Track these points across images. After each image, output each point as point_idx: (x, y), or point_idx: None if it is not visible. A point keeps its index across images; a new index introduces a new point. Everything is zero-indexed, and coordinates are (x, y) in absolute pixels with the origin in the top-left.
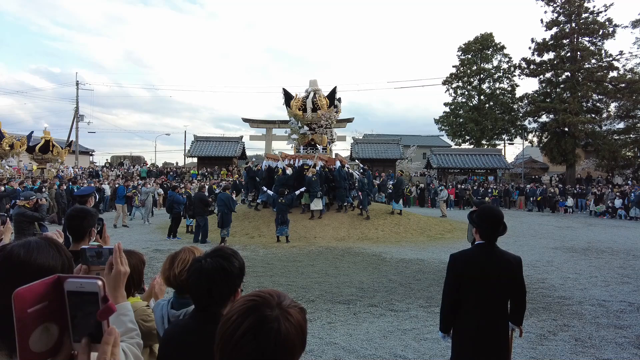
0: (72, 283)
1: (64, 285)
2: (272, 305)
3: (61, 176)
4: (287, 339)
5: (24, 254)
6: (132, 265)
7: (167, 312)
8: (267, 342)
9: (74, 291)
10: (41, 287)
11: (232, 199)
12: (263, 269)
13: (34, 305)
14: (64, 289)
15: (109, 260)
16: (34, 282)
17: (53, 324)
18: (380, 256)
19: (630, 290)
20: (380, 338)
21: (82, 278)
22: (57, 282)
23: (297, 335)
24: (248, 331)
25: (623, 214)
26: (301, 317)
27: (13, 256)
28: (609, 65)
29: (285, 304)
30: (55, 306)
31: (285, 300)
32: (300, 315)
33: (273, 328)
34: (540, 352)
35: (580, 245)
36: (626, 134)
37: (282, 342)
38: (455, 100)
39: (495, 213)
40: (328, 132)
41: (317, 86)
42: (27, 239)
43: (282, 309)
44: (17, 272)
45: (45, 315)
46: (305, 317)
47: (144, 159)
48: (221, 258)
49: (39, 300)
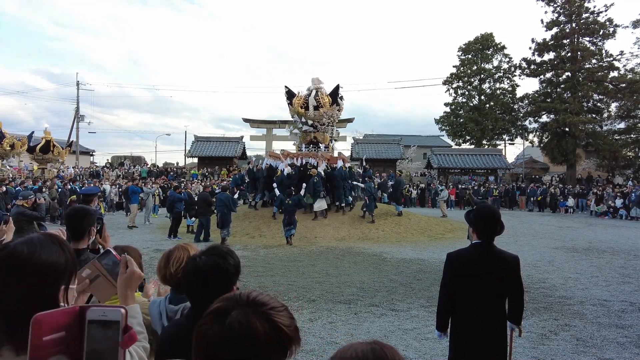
0: (95, 312)
1: (86, 313)
2: (241, 302)
3: (62, 176)
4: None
5: (28, 250)
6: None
7: (165, 308)
8: (225, 332)
9: (95, 320)
10: (61, 316)
11: (232, 199)
12: (264, 268)
13: (51, 333)
14: (86, 317)
15: (124, 261)
16: (55, 310)
17: (66, 358)
18: (381, 256)
19: (632, 290)
20: (381, 338)
21: (105, 307)
22: (78, 313)
23: (263, 337)
24: (213, 319)
25: (624, 214)
26: (268, 325)
27: (16, 253)
28: (609, 66)
29: (259, 305)
30: (72, 338)
31: (261, 301)
32: (269, 322)
33: (235, 321)
34: (541, 352)
35: (581, 245)
36: (627, 134)
37: (239, 337)
38: (456, 100)
39: (492, 212)
40: (330, 130)
41: (319, 84)
42: (30, 236)
43: (250, 308)
44: (21, 269)
45: (60, 345)
46: (280, 326)
47: (144, 159)
48: (216, 256)
49: (57, 329)
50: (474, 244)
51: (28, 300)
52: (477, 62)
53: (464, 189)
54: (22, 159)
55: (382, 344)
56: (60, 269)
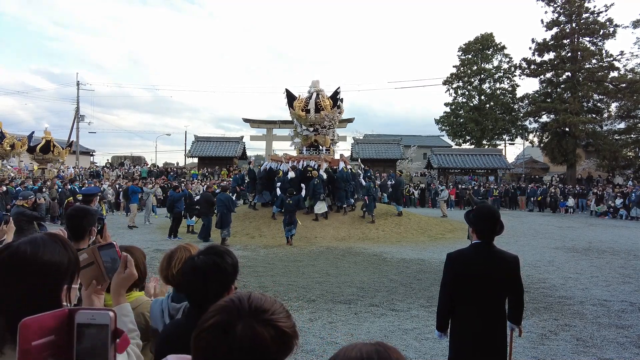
0: (83, 315)
1: (75, 317)
2: (243, 313)
3: (62, 176)
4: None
5: (31, 250)
6: (136, 260)
7: (168, 306)
8: (227, 341)
9: (84, 323)
10: (50, 320)
11: (231, 199)
12: (264, 268)
13: (40, 338)
14: (75, 321)
15: (124, 260)
16: (43, 314)
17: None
18: (381, 256)
19: (632, 290)
20: (382, 338)
21: (94, 309)
22: (67, 316)
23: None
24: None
25: (624, 214)
26: (274, 332)
27: (20, 252)
28: (609, 66)
29: (259, 313)
30: (62, 342)
31: (261, 308)
32: (268, 332)
33: (235, 331)
34: (541, 352)
35: (581, 245)
36: (627, 134)
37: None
38: (456, 100)
39: (492, 212)
40: (330, 132)
41: (319, 86)
42: (34, 235)
43: (254, 318)
44: (24, 268)
45: (50, 350)
46: (284, 329)
47: (144, 159)
48: (214, 255)
49: (46, 334)
50: (474, 244)
51: (31, 299)
52: (477, 62)
53: (464, 189)
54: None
55: (386, 345)
56: (62, 268)
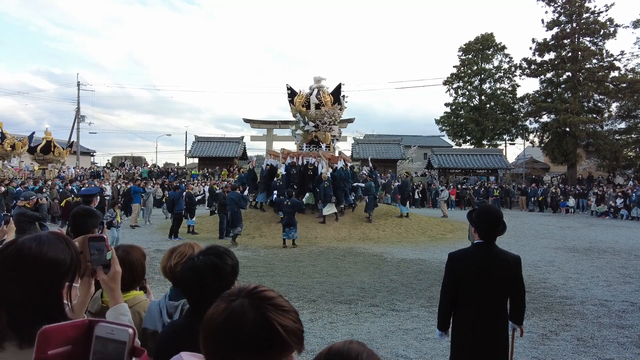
0: (103, 328)
1: (95, 329)
2: (247, 293)
3: (62, 177)
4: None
5: (36, 247)
6: (134, 259)
7: (165, 304)
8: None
9: (103, 337)
10: (69, 330)
11: (242, 197)
12: (264, 269)
13: (56, 347)
14: (94, 333)
15: (114, 257)
16: (64, 323)
17: None
18: (381, 256)
19: (632, 290)
20: (382, 338)
21: (114, 324)
22: (87, 327)
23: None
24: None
25: (625, 214)
26: (260, 320)
27: (24, 250)
28: (610, 65)
29: (257, 295)
30: (78, 353)
31: (259, 294)
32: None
33: (236, 311)
34: (542, 352)
35: (582, 245)
36: (627, 134)
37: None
38: (456, 100)
39: (494, 212)
40: (335, 129)
41: (321, 83)
42: (38, 234)
43: (251, 299)
44: (28, 265)
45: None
46: (273, 322)
47: (145, 159)
48: (214, 256)
49: (63, 343)
50: (475, 244)
51: (33, 296)
52: (477, 62)
53: (464, 189)
54: (22, 159)
55: (357, 341)
56: (65, 266)
